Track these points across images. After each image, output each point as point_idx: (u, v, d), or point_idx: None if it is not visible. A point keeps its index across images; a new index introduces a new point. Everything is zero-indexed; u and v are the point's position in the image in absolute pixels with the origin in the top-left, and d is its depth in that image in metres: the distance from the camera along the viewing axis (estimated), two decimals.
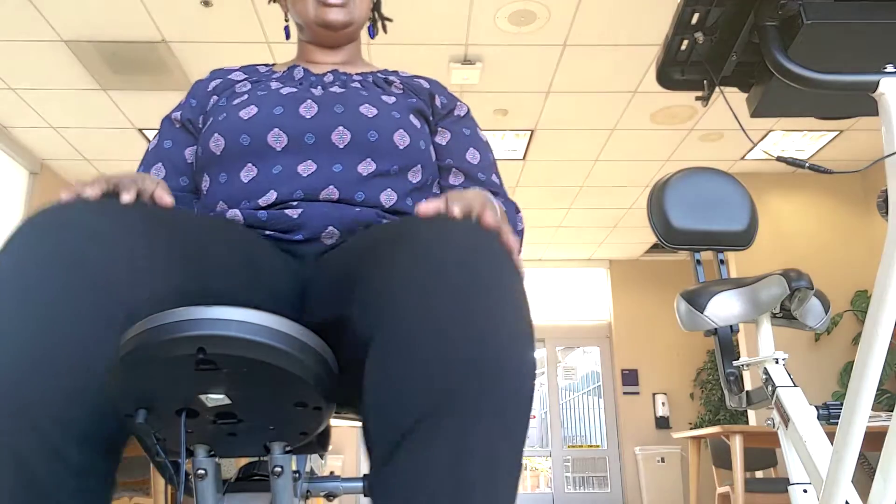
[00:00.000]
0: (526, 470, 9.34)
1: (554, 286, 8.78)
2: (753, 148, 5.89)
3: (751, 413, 6.02)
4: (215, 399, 0.69)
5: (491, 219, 0.76)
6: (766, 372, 1.51)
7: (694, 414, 8.05)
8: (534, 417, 9.50)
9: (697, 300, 1.56)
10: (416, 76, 1.26)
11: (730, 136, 5.72)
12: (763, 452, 5.09)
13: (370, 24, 1.35)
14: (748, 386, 1.59)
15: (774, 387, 1.46)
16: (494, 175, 1.23)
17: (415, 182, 1.10)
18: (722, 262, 1.76)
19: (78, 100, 4.99)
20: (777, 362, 1.51)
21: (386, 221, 0.98)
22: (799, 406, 1.41)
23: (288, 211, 1.01)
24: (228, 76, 1.22)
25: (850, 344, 5.90)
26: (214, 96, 1.18)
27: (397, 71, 1.26)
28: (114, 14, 4.11)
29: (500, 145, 5.77)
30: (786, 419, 1.41)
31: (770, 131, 5.58)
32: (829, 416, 1.39)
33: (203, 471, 0.77)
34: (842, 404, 1.10)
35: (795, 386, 1.46)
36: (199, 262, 0.83)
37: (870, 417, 1.06)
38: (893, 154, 0.94)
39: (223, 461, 0.83)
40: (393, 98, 1.14)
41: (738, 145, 5.89)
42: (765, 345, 1.56)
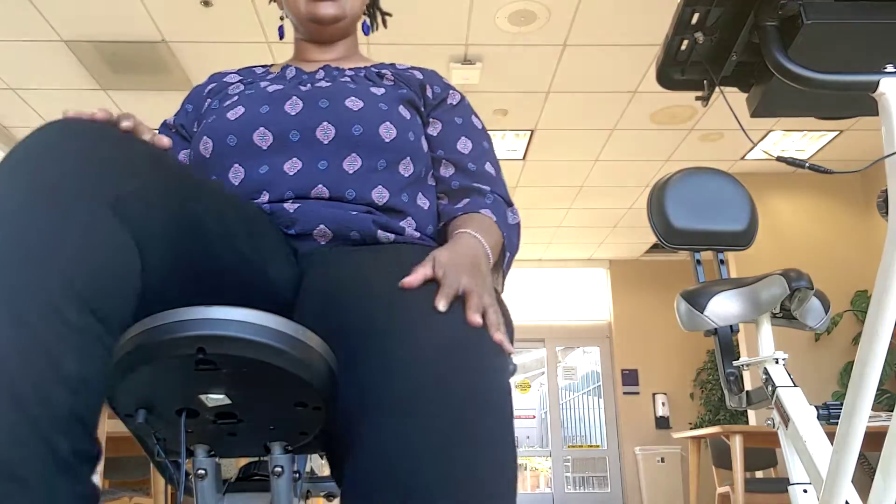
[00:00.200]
0: (526, 470, 9.34)
1: (554, 286, 8.79)
2: (753, 148, 5.89)
3: (751, 413, 6.02)
4: (215, 399, 0.69)
5: (477, 313, 0.73)
6: (766, 372, 1.51)
7: (694, 414, 8.05)
8: (533, 417, 9.51)
9: (697, 300, 1.56)
10: (413, 67, 1.23)
11: (730, 136, 5.72)
12: (763, 452, 5.09)
13: (365, 22, 1.32)
14: (748, 386, 1.59)
15: (774, 387, 1.46)
16: (488, 164, 1.18)
17: (407, 176, 1.08)
18: (722, 262, 1.76)
19: (78, 100, 5.00)
20: (777, 362, 1.51)
21: (375, 252, 0.95)
22: (799, 406, 1.41)
23: (285, 205, 1.01)
24: (223, 79, 1.22)
25: (850, 344, 5.91)
26: (208, 99, 1.19)
27: (394, 63, 1.25)
28: (114, 14, 4.11)
29: (500, 145, 5.77)
30: (786, 419, 1.41)
31: (770, 131, 5.58)
32: (829, 416, 1.39)
33: (203, 471, 0.77)
34: (842, 404, 1.10)
35: (795, 386, 1.46)
36: (194, 196, 0.83)
37: (870, 417, 1.06)
38: (893, 154, 0.94)
39: (223, 461, 0.83)
40: (382, 90, 1.12)
41: (738, 145, 5.89)
42: (765, 345, 1.56)
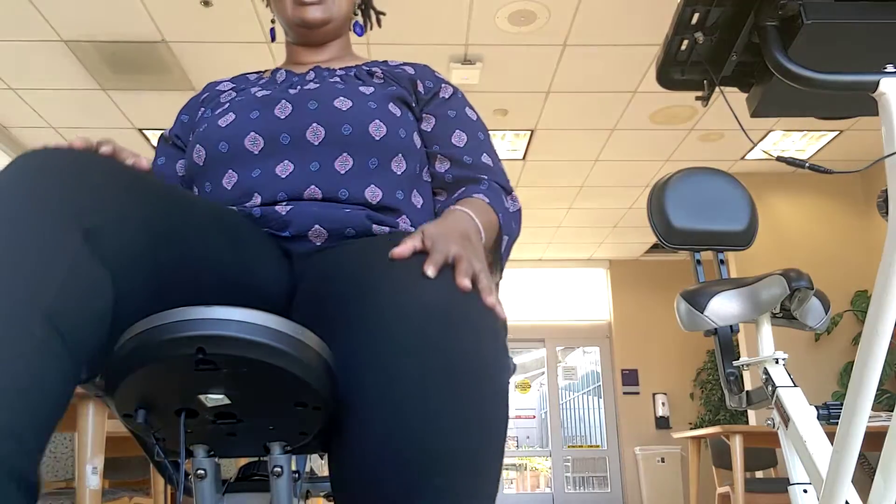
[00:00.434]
0: (526, 470, 9.34)
1: (554, 286, 8.78)
2: (753, 148, 5.89)
3: (751, 413, 6.02)
4: (215, 399, 0.69)
5: (466, 278, 0.72)
6: (766, 372, 1.51)
7: (694, 414, 8.05)
8: (533, 417, 9.51)
9: (697, 300, 1.55)
10: (405, 63, 1.22)
11: (730, 136, 5.72)
12: (763, 452, 5.09)
13: (358, 22, 1.31)
14: (748, 386, 1.59)
15: (774, 387, 1.46)
16: (485, 155, 1.16)
17: (400, 173, 1.07)
18: (722, 262, 1.76)
19: (78, 100, 4.99)
20: (777, 362, 1.51)
21: (369, 239, 0.95)
22: (799, 406, 1.41)
23: (277, 208, 1.01)
24: (217, 87, 1.22)
25: (850, 344, 5.91)
26: (202, 108, 1.19)
27: (386, 60, 1.24)
28: (114, 14, 4.11)
29: (500, 145, 5.77)
30: (786, 419, 1.41)
31: (770, 131, 5.58)
32: (829, 416, 1.39)
33: (203, 471, 0.77)
34: (842, 404, 1.10)
35: (795, 386, 1.46)
36: (176, 212, 0.83)
37: (870, 417, 1.06)
38: (893, 154, 0.94)
39: (223, 461, 0.83)
40: (371, 88, 1.12)
41: (738, 145, 5.89)
42: (765, 345, 1.56)
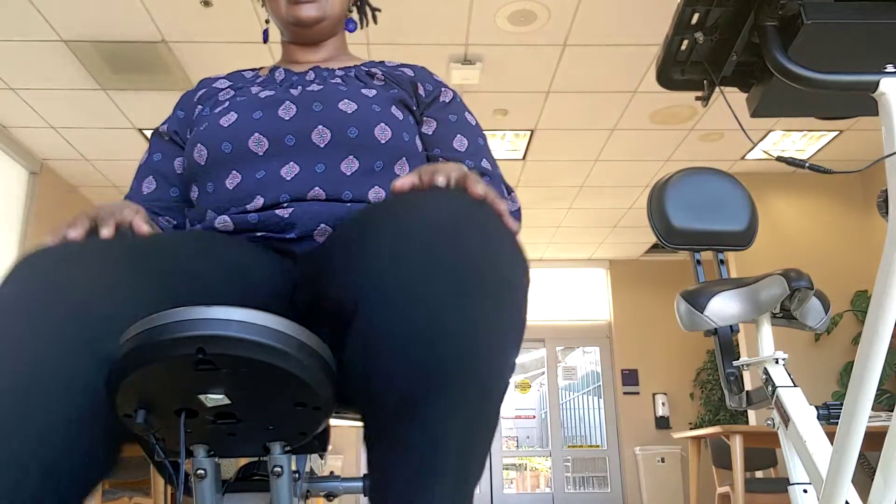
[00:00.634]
0: (526, 470, 9.34)
1: (554, 286, 8.78)
2: (753, 148, 5.89)
3: (751, 413, 6.02)
4: (215, 399, 0.69)
5: (474, 184, 0.73)
6: (766, 372, 1.51)
7: (694, 414, 8.05)
8: (533, 418, 9.51)
9: (697, 300, 1.55)
10: (403, 65, 1.23)
11: (730, 136, 5.72)
12: (763, 452, 5.09)
13: (351, 18, 1.30)
14: (748, 386, 1.59)
15: (774, 387, 1.46)
16: (485, 160, 1.18)
17: (403, 175, 1.08)
18: (722, 262, 1.76)
19: (78, 100, 4.99)
20: (777, 362, 1.51)
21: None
22: (799, 406, 1.41)
23: (278, 211, 1.00)
24: (213, 84, 1.21)
25: (850, 344, 5.90)
26: (199, 106, 1.18)
27: (384, 61, 1.24)
28: (114, 14, 4.11)
29: (500, 145, 5.77)
30: (786, 419, 1.41)
31: (770, 131, 5.58)
32: (829, 416, 1.39)
33: (203, 471, 0.77)
34: (842, 404, 1.10)
35: (795, 386, 1.46)
36: (184, 283, 0.84)
37: (870, 417, 1.06)
38: (893, 154, 0.94)
39: (223, 461, 0.83)
40: (374, 91, 1.12)
41: (738, 145, 5.89)
42: (765, 345, 1.56)
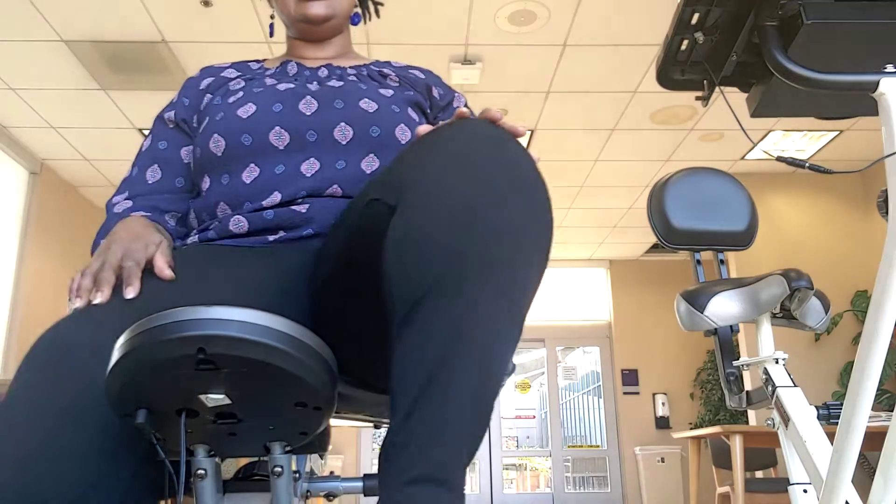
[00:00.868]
0: (526, 470, 9.34)
1: (554, 286, 8.78)
2: (753, 148, 5.89)
3: (751, 413, 6.02)
4: (215, 399, 0.69)
5: (495, 114, 0.76)
6: (766, 372, 1.50)
7: (694, 414, 8.04)
8: (533, 418, 9.50)
9: (697, 300, 1.55)
10: (411, 67, 1.23)
11: (730, 136, 5.72)
12: (763, 452, 5.09)
13: (356, 13, 1.30)
14: (748, 386, 1.59)
15: (774, 387, 1.46)
16: None
17: None
18: (722, 262, 1.76)
19: (78, 100, 4.99)
20: (777, 362, 1.51)
21: None
22: (799, 406, 1.41)
23: (295, 207, 1.00)
24: (221, 74, 1.19)
25: (850, 344, 5.90)
26: (208, 94, 1.17)
27: (389, 61, 1.24)
28: (114, 14, 4.11)
29: None
30: (786, 419, 1.41)
31: (770, 131, 5.58)
32: (829, 416, 1.39)
33: (203, 471, 0.77)
34: (842, 404, 1.10)
35: (795, 386, 1.46)
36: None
37: (870, 417, 1.06)
38: (893, 154, 0.94)
39: (223, 461, 0.83)
40: (390, 91, 1.12)
41: (738, 145, 5.88)
42: (765, 345, 1.56)
